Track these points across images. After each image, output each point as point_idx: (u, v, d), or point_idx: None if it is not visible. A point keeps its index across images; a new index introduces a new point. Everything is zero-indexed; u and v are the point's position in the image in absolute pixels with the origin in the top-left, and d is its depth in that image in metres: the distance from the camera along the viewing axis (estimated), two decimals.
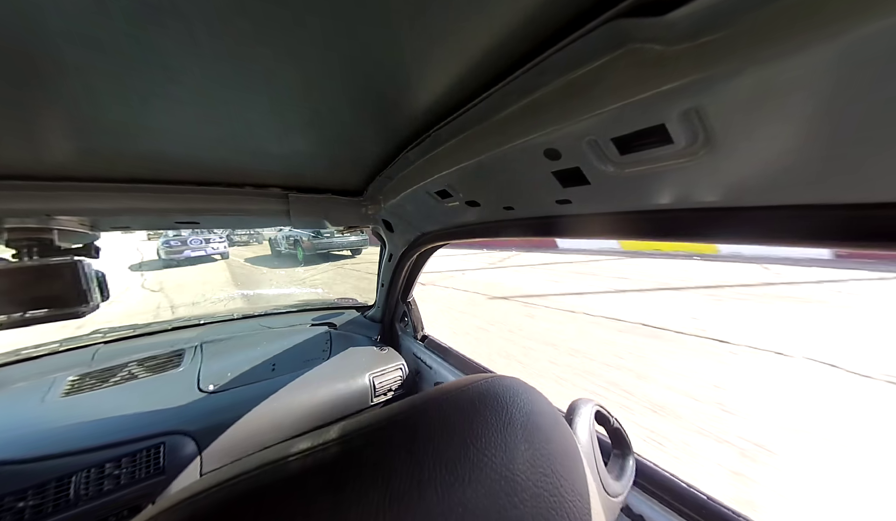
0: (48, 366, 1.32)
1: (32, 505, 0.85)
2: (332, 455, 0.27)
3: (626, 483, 0.63)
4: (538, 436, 0.34)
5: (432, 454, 0.28)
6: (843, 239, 0.36)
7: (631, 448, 0.70)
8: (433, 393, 0.35)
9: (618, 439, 0.70)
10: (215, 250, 13.69)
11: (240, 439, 1.13)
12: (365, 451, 0.28)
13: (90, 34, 0.32)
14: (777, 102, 0.29)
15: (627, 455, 0.69)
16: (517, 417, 0.34)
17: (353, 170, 0.90)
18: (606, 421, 0.68)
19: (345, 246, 12.73)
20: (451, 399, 0.34)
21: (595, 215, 0.61)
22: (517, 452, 0.32)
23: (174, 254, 12.53)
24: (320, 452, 0.27)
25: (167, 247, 12.51)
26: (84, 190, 0.75)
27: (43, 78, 0.39)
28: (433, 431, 0.30)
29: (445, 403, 0.34)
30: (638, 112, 0.36)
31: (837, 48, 0.23)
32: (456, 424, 0.32)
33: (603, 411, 0.67)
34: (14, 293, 0.72)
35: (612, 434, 0.71)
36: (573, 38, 0.34)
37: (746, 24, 0.25)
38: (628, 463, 0.67)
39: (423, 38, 0.36)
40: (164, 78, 0.41)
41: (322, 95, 0.48)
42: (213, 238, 13.62)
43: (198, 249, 13.11)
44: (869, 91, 0.25)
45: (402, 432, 0.30)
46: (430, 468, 0.28)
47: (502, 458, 0.31)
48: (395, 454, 0.28)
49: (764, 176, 0.37)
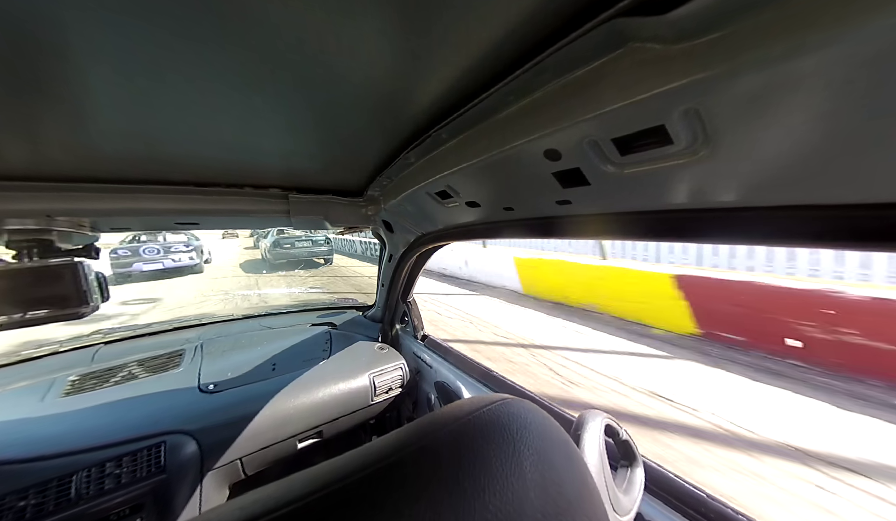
0: (49, 366, 1.32)
1: (34, 504, 0.85)
2: (327, 506, 0.24)
3: (636, 497, 0.60)
4: (546, 464, 0.32)
5: (444, 490, 0.26)
6: (843, 239, 0.36)
7: (639, 461, 0.67)
8: (440, 421, 0.32)
9: (626, 451, 0.68)
10: (177, 263, 10.28)
11: (240, 438, 1.13)
12: (379, 488, 0.26)
13: (90, 35, 0.32)
14: (777, 102, 0.28)
15: (636, 468, 0.66)
16: (528, 447, 0.32)
17: (353, 170, 0.90)
18: (615, 434, 0.66)
19: (304, 256, 11.54)
20: (461, 431, 0.31)
21: (595, 216, 0.61)
22: (527, 482, 0.29)
23: (121, 268, 9.48)
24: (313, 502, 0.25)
25: (114, 258, 9.47)
26: (84, 191, 0.75)
27: (43, 79, 0.39)
28: (445, 466, 0.28)
29: (455, 437, 0.31)
30: (638, 112, 0.36)
31: (837, 48, 0.23)
32: (466, 459, 0.29)
33: (612, 423, 0.64)
34: (14, 294, 0.72)
35: (621, 446, 0.68)
36: (573, 38, 0.34)
37: (747, 23, 0.25)
38: (637, 476, 0.65)
39: (423, 39, 0.36)
40: (164, 79, 0.41)
41: (322, 96, 0.48)
42: (175, 246, 10.32)
43: (152, 262, 9.84)
44: (869, 91, 0.25)
45: (414, 468, 0.27)
46: (444, 504, 0.26)
47: (513, 489, 0.28)
48: (406, 495, 0.26)
49: (764, 176, 0.36)
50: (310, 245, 11.67)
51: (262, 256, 11.73)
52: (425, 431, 0.31)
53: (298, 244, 11.42)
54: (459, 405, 0.35)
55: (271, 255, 11.36)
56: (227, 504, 0.25)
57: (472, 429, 0.31)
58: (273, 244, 11.34)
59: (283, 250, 11.23)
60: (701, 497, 0.70)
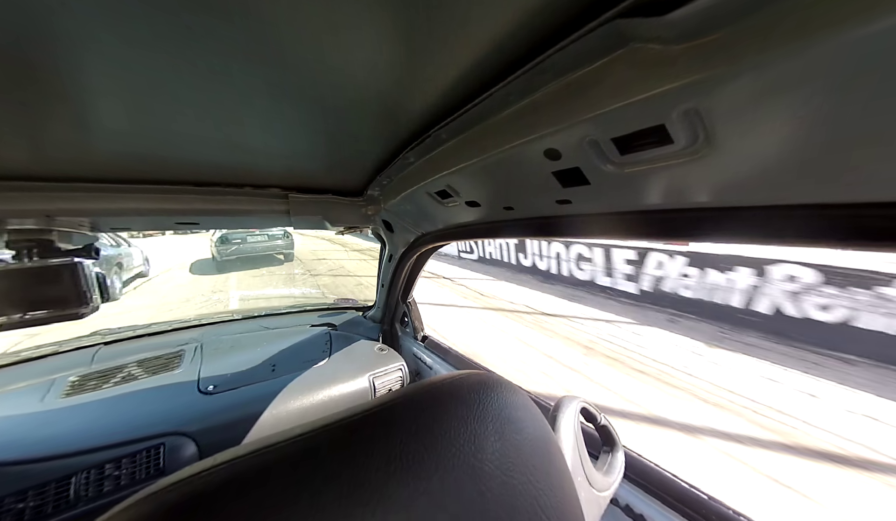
0: (48, 367, 1.32)
1: (32, 506, 0.85)
2: (295, 451, 0.28)
3: (616, 478, 0.64)
4: (509, 428, 0.36)
5: (398, 447, 0.29)
6: (844, 239, 0.36)
7: (619, 444, 0.71)
8: (406, 390, 0.37)
9: (606, 435, 0.71)
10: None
11: (240, 439, 1.13)
12: (329, 447, 0.29)
13: (90, 35, 0.32)
14: (777, 102, 0.29)
15: (616, 451, 0.69)
16: (489, 411, 0.36)
17: (353, 170, 0.90)
18: (593, 418, 0.69)
19: (258, 252, 9.98)
20: (422, 395, 0.35)
21: (595, 215, 0.61)
22: (486, 444, 0.33)
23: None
24: (283, 447, 0.28)
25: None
26: (84, 191, 0.75)
27: (43, 79, 0.39)
28: (401, 426, 0.31)
29: (416, 399, 0.35)
30: (638, 112, 0.36)
31: (837, 48, 0.23)
32: (425, 418, 0.33)
33: (589, 408, 0.68)
34: (14, 294, 0.72)
35: (600, 431, 0.72)
36: (573, 38, 0.34)
37: (746, 24, 0.25)
38: (617, 459, 0.68)
39: (424, 39, 0.36)
40: (164, 79, 0.41)
41: (322, 95, 0.48)
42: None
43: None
44: (869, 91, 0.25)
45: (370, 428, 0.31)
46: (395, 461, 0.29)
47: (471, 449, 0.32)
48: (359, 449, 0.29)
49: (764, 176, 0.36)
50: (265, 240, 10.13)
51: (212, 254, 10.14)
52: (385, 398, 0.35)
53: (251, 239, 9.91)
54: (426, 380, 0.39)
55: (218, 252, 9.76)
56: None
57: (436, 395, 0.36)
58: (220, 240, 9.65)
59: (234, 247, 9.72)
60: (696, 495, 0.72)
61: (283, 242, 10.32)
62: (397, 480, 0.28)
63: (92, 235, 0.94)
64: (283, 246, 10.38)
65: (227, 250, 9.71)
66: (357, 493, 0.26)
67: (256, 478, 0.26)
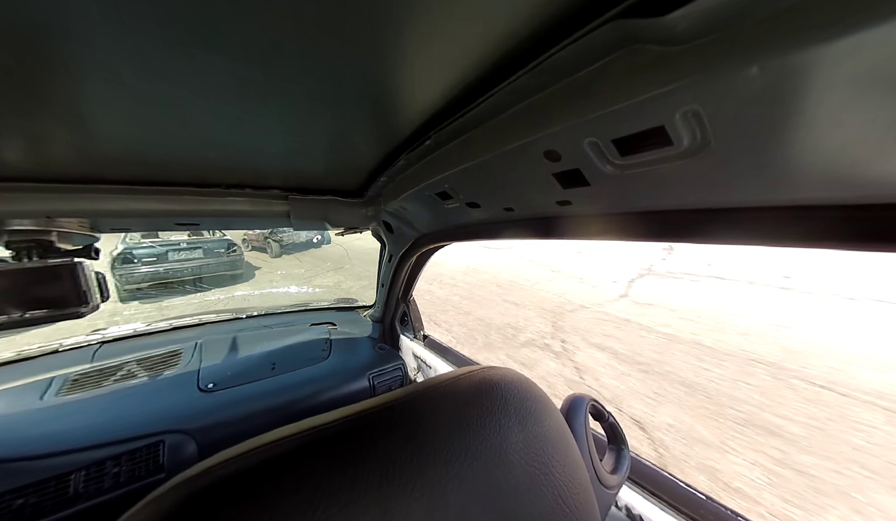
0: (48, 365, 1.32)
1: (32, 503, 0.85)
2: (333, 434, 0.31)
3: (622, 476, 0.65)
4: (531, 420, 0.37)
5: (431, 434, 0.31)
6: (844, 239, 0.36)
7: (626, 442, 0.71)
8: (431, 382, 0.38)
9: (613, 433, 0.72)
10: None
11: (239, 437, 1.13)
12: (365, 432, 0.31)
13: (90, 36, 0.32)
14: (776, 102, 0.28)
15: (623, 449, 0.70)
16: (511, 403, 0.37)
17: (353, 171, 0.90)
18: (601, 416, 0.70)
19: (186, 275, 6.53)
20: (449, 388, 0.37)
21: (595, 216, 0.61)
22: (511, 434, 0.35)
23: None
24: (323, 430, 0.31)
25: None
26: (84, 192, 0.75)
27: (43, 80, 0.39)
28: (433, 415, 0.33)
29: (444, 391, 0.37)
30: (638, 113, 0.36)
31: (837, 48, 0.23)
32: (454, 409, 0.35)
33: (598, 406, 0.69)
34: (14, 294, 0.72)
35: (608, 430, 0.72)
36: (573, 39, 0.34)
37: (746, 24, 0.25)
38: (624, 457, 0.69)
39: (424, 40, 0.36)
40: (164, 80, 0.41)
41: (322, 97, 0.48)
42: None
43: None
44: (868, 91, 0.25)
45: (402, 415, 0.33)
46: (430, 446, 0.31)
47: (497, 438, 0.34)
48: (397, 436, 0.31)
49: (764, 176, 0.36)
50: (199, 257, 6.62)
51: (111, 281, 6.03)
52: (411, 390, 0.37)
53: (175, 256, 6.32)
54: (448, 373, 0.41)
55: (119, 278, 5.92)
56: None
57: (462, 388, 0.38)
58: (120, 258, 5.89)
59: (144, 269, 6.00)
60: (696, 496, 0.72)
61: (228, 258, 7.08)
62: (432, 463, 0.30)
63: (92, 237, 0.94)
64: (227, 265, 7.09)
65: (131, 275, 5.99)
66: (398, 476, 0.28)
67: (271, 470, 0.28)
